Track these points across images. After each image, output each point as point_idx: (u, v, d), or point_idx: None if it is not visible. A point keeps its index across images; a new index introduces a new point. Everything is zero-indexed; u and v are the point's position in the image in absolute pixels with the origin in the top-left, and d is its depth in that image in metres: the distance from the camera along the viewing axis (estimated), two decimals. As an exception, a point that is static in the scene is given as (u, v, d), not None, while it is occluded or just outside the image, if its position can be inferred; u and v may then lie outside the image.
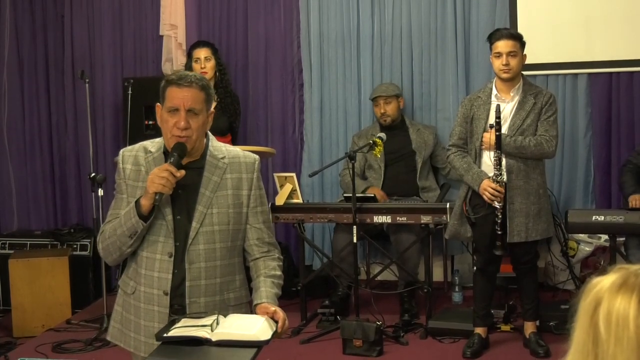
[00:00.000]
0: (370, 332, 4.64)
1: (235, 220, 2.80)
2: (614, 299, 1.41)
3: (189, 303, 2.73)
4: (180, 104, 2.68)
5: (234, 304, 2.84)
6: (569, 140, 5.73)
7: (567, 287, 5.58)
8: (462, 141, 4.70)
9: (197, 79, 2.74)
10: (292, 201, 5.33)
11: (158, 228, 2.73)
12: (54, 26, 6.66)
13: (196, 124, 2.70)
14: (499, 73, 4.58)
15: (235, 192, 2.80)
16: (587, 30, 5.64)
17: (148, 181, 2.66)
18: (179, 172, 2.65)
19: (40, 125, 6.70)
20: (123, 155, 2.85)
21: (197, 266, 2.73)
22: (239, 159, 2.85)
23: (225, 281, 2.80)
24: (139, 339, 2.80)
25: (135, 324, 2.80)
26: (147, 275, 2.76)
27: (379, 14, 6.05)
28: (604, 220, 4.72)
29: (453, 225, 4.76)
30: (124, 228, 2.70)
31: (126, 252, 2.76)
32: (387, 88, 5.72)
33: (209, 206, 2.75)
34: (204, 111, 2.73)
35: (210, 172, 2.78)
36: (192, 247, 2.73)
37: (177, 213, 2.75)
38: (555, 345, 4.56)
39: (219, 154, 2.82)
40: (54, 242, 6.08)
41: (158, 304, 2.74)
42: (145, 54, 6.54)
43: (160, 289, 2.73)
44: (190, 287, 2.73)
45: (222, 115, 5.70)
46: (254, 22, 6.31)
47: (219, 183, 2.78)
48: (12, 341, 5.29)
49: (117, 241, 2.74)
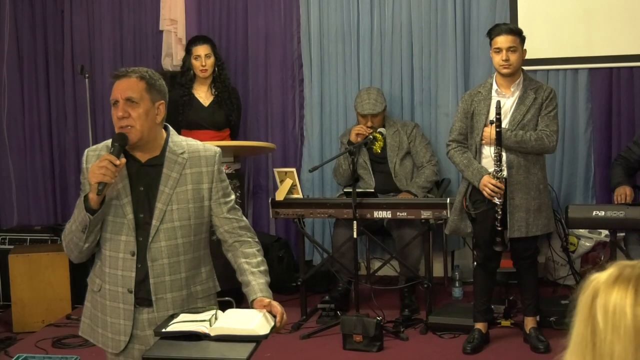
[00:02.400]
0: (370, 328, 4.64)
1: (197, 215, 2.80)
2: (610, 289, 1.44)
3: (155, 299, 2.74)
4: (117, 95, 2.72)
5: (202, 296, 2.85)
6: (569, 135, 5.72)
7: (568, 282, 5.57)
8: (462, 136, 4.70)
9: (138, 70, 2.77)
10: (292, 196, 5.32)
11: (119, 227, 2.75)
12: (53, 21, 6.65)
13: (136, 113, 2.70)
14: (499, 69, 4.57)
15: (196, 186, 2.80)
16: (587, 25, 5.63)
17: (90, 173, 2.67)
18: (118, 161, 2.65)
19: (40, 120, 6.70)
20: (87, 155, 2.87)
21: (160, 263, 2.74)
22: (198, 153, 2.84)
23: (190, 275, 2.81)
24: (106, 335, 2.83)
25: (102, 321, 2.83)
26: (111, 273, 2.77)
27: (379, 9, 6.04)
28: (604, 216, 4.72)
29: (453, 221, 4.76)
30: (77, 223, 2.73)
31: (85, 248, 2.77)
32: (376, 103, 5.54)
33: (169, 203, 2.75)
34: (146, 100, 2.73)
35: (170, 169, 2.78)
36: (154, 245, 2.74)
37: (140, 211, 2.76)
38: (555, 340, 4.57)
39: (178, 149, 2.82)
40: (54, 238, 6.07)
41: (123, 301, 2.76)
42: (145, 49, 6.53)
43: (124, 287, 2.75)
44: (155, 284, 2.74)
45: (220, 109, 5.70)
46: (254, 17, 6.30)
47: (178, 179, 2.78)
48: (12, 336, 5.29)
49: (73, 237, 2.77)
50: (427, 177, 5.55)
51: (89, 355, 4.64)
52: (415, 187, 5.49)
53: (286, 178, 5.33)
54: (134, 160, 2.79)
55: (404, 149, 5.63)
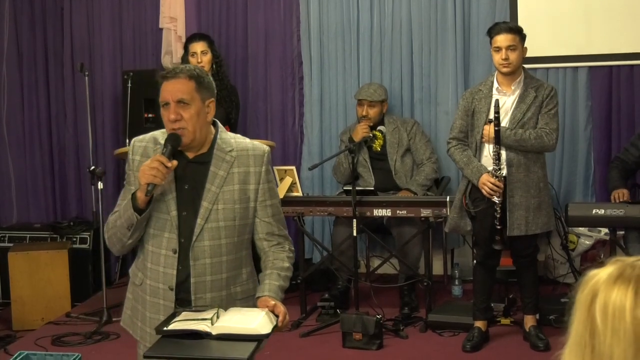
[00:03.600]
0: (370, 326, 4.64)
1: (242, 216, 2.77)
2: (610, 290, 1.41)
3: (194, 299, 2.72)
4: (168, 96, 2.69)
5: (241, 297, 2.82)
6: (569, 133, 5.72)
7: (567, 280, 5.58)
8: (462, 134, 4.69)
9: (186, 69, 2.73)
10: (292, 194, 5.32)
11: (163, 223, 2.73)
12: (53, 18, 6.64)
13: (188, 114, 2.68)
14: (499, 67, 4.57)
15: (242, 186, 2.77)
16: (587, 23, 5.64)
17: (140, 172, 2.65)
18: (170, 163, 2.63)
19: (40, 117, 6.69)
20: (134, 145, 2.84)
21: (202, 262, 2.72)
22: (247, 152, 2.80)
23: (231, 275, 2.79)
24: (145, 330, 2.81)
25: (142, 315, 2.82)
26: (153, 269, 2.76)
27: (378, 6, 6.04)
28: (604, 214, 4.72)
29: (453, 219, 4.76)
30: (123, 220, 2.70)
31: (128, 244, 2.76)
32: (375, 92, 5.60)
33: (215, 202, 2.72)
34: (196, 100, 2.70)
35: (217, 167, 2.75)
36: (197, 244, 2.71)
37: (183, 209, 2.73)
38: (555, 338, 4.56)
39: (226, 146, 2.78)
40: (54, 235, 6.07)
41: (164, 298, 2.74)
42: (145, 47, 6.53)
43: (165, 284, 2.73)
44: (196, 284, 2.72)
45: (219, 107, 5.67)
46: (254, 14, 6.30)
47: (226, 178, 2.74)
48: (11, 334, 5.29)
49: (117, 232, 2.74)
50: (426, 175, 5.55)
51: (88, 353, 4.64)
52: (415, 185, 5.49)
53: (286, 176, 5.33)
54: (181, 157, 2.75)
55: (403, 146, 5.63)
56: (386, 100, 5.69)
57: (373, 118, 5.60)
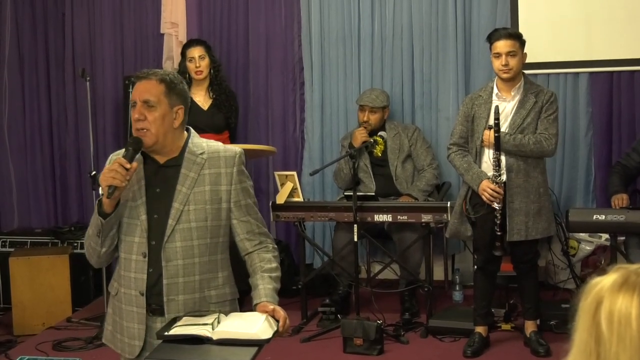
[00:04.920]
0: (370, 331, 4.64)
1: (214, 217, 2.76)
2: (615, 298, 1.40)
3: (166, 301, 2.71)
4: (136, 96, 2.71)
5: (216, 301, 2.79)
6: (569, 139, 5.72)
7: (568, 286, 5.57)
8: (462, 140, 4.70)
9: (160, 73, 2.74)
10: (293, 200, 5.32)
11: (133, 228, 2.73)
12: (54, 23, 6.64)
13: (152, 117, 2.68)
14: (499, 73, 4.58)
15: (214, 187, 2.77)
16: (588, 29, 5.64)
17: (101, 176, 2.66)
18: (129, 165, 2.63)
19: (41, 122, 6.69)
20: (110, 159, 2.86)
21: (175, 264, 2.71)
22: (218, 154, 2.81)
23: (205, 278, 2.77)
24: (123, 340, 2.80)
25: (120, 325, 2.81)
26: (125, 276, 2.76)
27: (379, 12, 6.04)
28: (604, 220, 4.71)
29: (453, 224, 4.76)
30: (93, 227, 2.72)
31: (102, 253, 2.76)
32: (376, 98, 5.60)
33: (186, 203, 2.72)
34: (163, 104, 2.70)
35: (188, 169, 2.75)
36: (168, 245, 2.71)
37: (154, 212, 2.73)
38: (555, 344, 4.57)
39: (197, 149, 2.79)
40: (55, 240, 6.08)
41: (136, 304, 2.74)
42: (146, 52, 6.53)
43: (137, 290, 2.73)
44: (168, 285, 2.71)
45: (218, 112, 5.69)
46: (255, 20, 6.30)
47: (197, 179, 2.75)
48: (12, 339, 5.29)
49: (91, 242, 2.76)
50: (427, 181, 5.56)
51: (89, 358, 4.65)
52: (416, 190, 5.49)
53: (287, 181, 5.33)
54: (152, 162, 2.77)
55: (404, 152, 5.64)
56: (388, 106, 5.69)
57: (374, 124, 5.60)
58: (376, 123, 5.61)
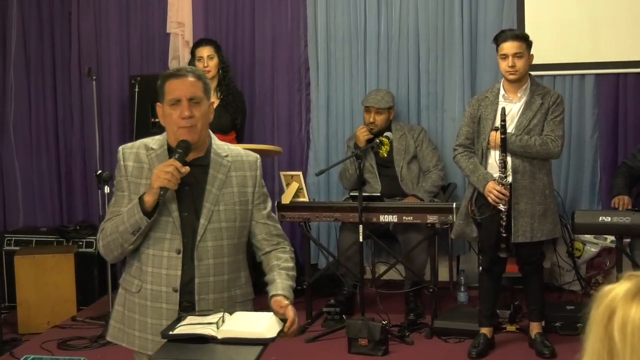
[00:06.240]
0: (375, 332, 4.63)
1: (242, 217, 2.82)
2: (628, 308, 1.37)
3: (198, 300, 2.73)
4: (181, 94, 2.71)
5: (241, 300, 2.85)
6: (575, 141, 5.72)
7: (573, 288, 5.57)
8: (469, 141, 4.69)
9: (192, 70, 2.80)
10: (298, 200, 5.33)
11: (164, 225, 2.73)
12: (61, 23, 6.66)
13: (199, 113, 2.72)
14: (506, 75, 4.57)
15: (241, 189, 2.82)
16: (594, 31, 5.64)
17: (153, 176, 2.66)
18: (183, 168, 2.65)
19: (47, 121, 6.70)
20: (123, 152, 2.86)
21: (206, 263, 2.73)
22: (241, 157, 2.87)
23: (232, 278, 2.81)
24: (145, 337, 2.78)
25: (141, 323, 2.79)
26: (155, 272, 2.75)
27: (385, 13, 6.05)
28: (610, 222, 4.71)
29: (459, 225, 4.76)
30: (127, 225, 2.70)
31: (128, 249, 2.76)
32: (382, 99, 5.60)
33: (216, 203, 2.76)
34: (205, 100, 2.76)
35: (216, 170, 2.79)
36: (201, 244, 2.73)
37: (184, 210, 2.74)
38: (560, 345, 4.55)
39: (222, 152, 2.84)
40: (60, 239, 6.08)
41: (167, 301, 2.73)
42: (152, 52, 6.54)
43: (169, 286, 2.73)
44: (200, 284, 2.73)
45: (225, 113, 5.69)
46: (261, 20, 6.31)
47: (225, 180, 2.79)
48: (17, 338, 5.29)
49: (119, 238, 2.73)
50: (433, 182, 5.55)
51: (94, 357, 4.65)
52: (422, 191, 5.49)
53: (292, 181, 5.33)
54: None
55: (410, 153, 5.63)
56: (393, 107, 5.69)
57: (380, 125, 5.60)
58: (382, 124, 5.61)
